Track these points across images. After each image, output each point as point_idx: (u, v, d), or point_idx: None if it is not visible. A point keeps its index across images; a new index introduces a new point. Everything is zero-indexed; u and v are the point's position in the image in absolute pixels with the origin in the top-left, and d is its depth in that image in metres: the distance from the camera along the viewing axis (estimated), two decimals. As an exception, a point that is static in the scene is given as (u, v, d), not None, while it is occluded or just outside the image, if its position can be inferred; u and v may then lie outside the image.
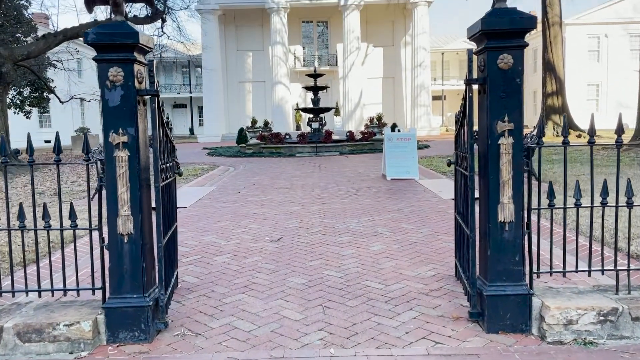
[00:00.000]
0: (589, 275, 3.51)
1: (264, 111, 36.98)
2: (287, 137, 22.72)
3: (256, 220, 6.94)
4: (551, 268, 3.42)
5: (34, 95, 30.03)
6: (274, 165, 15.70)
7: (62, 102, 22.86)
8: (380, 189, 9.70)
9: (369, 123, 24.84)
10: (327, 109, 23.42)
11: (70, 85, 26.22)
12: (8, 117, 14.74)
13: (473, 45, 3.45)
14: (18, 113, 30.29)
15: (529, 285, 3.28)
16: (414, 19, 35.09)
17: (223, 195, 9.48)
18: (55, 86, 28.52)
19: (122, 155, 3.12)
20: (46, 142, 40.79)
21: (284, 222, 6.80)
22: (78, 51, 24.12)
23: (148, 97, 3.26)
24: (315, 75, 22.25)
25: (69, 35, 15.67)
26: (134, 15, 18.62)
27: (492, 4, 3.16)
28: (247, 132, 22.92)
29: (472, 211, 3.33)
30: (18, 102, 30.03)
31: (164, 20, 21.02)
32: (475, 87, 3.34)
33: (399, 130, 21.63)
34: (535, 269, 3.40)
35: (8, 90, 15.94)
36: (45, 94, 29.23)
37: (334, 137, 22.26)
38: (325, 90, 24.26)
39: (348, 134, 22.72)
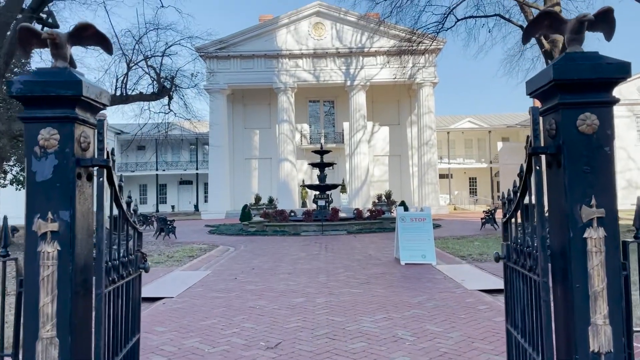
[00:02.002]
0: None
1: (270, 188, 36.53)
2: (292, 214, 21.87)
3: (251, 317, 5.85)
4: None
5: (38, 171, 29.76)
6: (277, 245, 14.68)
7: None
8: (394, 275, 8.61)
9: (376, 200, 24.04)
10: (334, 186, 22.76)
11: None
12: (-2, 193, 13.97)
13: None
14: (20, 189, 29.87)
15: None
16: (420, 99, 35.45)
17: (218, 281, 8.42)
18: (59, 162, 28.30)
19: (49, 250, 2.20)
20: (48, 218, 40.20)
21: (284, 319, 5.71)
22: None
23: (95, 168, 2.40)
24: (321, 152, 21.81)
25: (71, 110, 15.38)
26: (140, 92, 18.52)
27: (562, 47, 2.37)
28: (250, 209, 22.11)
29: (548, 334, 2.32)
30: (21, 178, 29.72)
31: (170, 98, 20.96)
32: (542, 157, 2.46)
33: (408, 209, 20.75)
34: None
35: (2, 166, 15.37)
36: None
37: (341, 214, 21.38)
38: (331, 167, 23.78)
39: (355, 211, 21.84)
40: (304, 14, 35.42)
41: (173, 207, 48.50)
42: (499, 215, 22.41)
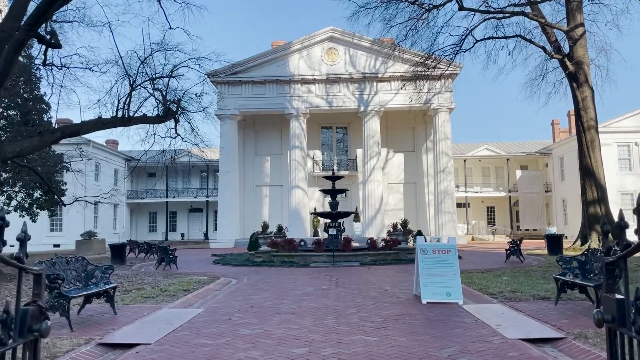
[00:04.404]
0: None
1: (280, 215, 35.42)
2: (302, 243, 20.66)
3: (239, 375, 4.65)
4: None
5: (45, 197, 29.09)
6: (284, 277, 13.46)
7: (64, 205, 21.56)
8: (415, 318, 7.34)
9: (392, 230, 22.67)
10: (346, 214, 21.53)
11: (77, 187, 25.17)
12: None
13: None
14: (23, 216, 29.19)
15: None
16: (436, 125, 34.41)
17: (209, 323, 7.23)
18: (66, 188, 27.58)
19: None
20: (55, 246, 39.41)
21: (280, 379, 4.50)
22: (82, 151, 23.38)
23: None
24: (333, 178, 20.71)
25: (67, 132, 14.56)
26: (144, 114, 17.71)
27: None
28: (258, 238, 20.94)
29: None
30: (26, 205, 29.06)
31: (177, 121, 20.13)
32: None
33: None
34: None
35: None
36: (56, 196, 28.24)
37: (354, 244, 20.10)
38: (344, 195, 22.64)
39: (369, 241, 20.53)
40: (317, 39, 34.95)
41: (183, 235, 47.50)
42: (524, 245, 20.87)
